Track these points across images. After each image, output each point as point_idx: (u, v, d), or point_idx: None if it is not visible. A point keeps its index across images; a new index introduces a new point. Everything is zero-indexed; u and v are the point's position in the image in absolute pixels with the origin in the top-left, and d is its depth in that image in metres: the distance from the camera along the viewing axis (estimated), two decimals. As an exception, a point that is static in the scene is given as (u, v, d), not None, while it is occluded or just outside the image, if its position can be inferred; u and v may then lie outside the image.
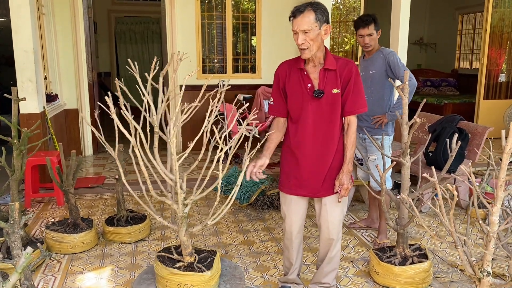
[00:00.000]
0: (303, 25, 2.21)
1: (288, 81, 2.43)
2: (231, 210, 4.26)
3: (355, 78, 2.35)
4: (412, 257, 2.83)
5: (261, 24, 6.68)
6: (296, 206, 2.55)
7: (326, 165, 2.44)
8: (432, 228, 3.82)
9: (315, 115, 2.38)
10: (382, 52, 3.31)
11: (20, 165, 3.05)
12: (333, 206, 2.50)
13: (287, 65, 2.46)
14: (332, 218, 2.51)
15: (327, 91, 2.34)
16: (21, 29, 4.39)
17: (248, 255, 3.31)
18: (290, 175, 2.50)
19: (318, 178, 2.45)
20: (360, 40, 3.33)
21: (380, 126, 3.33)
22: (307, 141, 2.42)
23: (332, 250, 2.59)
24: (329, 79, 2.35)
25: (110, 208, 4.34)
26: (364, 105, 2.42)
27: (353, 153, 2.42)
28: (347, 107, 2.38)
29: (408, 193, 2.82)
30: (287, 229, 2.61)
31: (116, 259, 3.26)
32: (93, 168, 5.76)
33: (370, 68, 3.33)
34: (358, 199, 4.48)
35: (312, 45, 2.25)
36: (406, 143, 2.73)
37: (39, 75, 4.65)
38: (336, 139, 2.42)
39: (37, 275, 3.00)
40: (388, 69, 3.27)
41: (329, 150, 2.42)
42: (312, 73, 2.38)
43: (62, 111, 5.90)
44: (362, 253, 3.36)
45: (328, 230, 2.54)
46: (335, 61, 2.36)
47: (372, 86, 3.33)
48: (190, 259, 2.55)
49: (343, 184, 2.38)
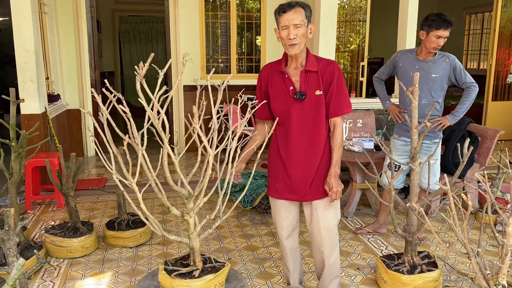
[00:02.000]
0: (295, 19, 2.17)
1: (270, 85, 2.38)
2: (234, 213, 4.17)
3: (337, 79, 2.29)
4: (421, 265, 2.73)
5: (266, 23, 6.60)
6: (285, 210, 2.49)
7: (313, 168, 2.37)
8: (440, 234, 3.73)
9: (300, 118, 2.32)
10: (447, 57, 3.24)
11: (19, 167, 2.98)
12: (324, 209, 2.41)
13: (269, 68, 2.42)
14: (325, 222, 2.42)
15: (309, 93, 2.29)
16: (22, 28, 4.32)
17: (252, 261, 3.22)
18: (278, 179, 2.44)
19: (306, 181, 2.38)
20: (433, 40, 3.13)
21: (440, 129, 3.32)
22: (292, 144, 2.36)
23: (330, 256, 2.49)
24: (311, 81, 2.29)
25: (111, 210, 4.27)
26: (348, 105, 2.35)
27: (340, 155, 2.35)
28: (331, 109, 2.32)
29: (417, 200, 2.72)
30: (279, 234, 2.57)
31: (116, 264, 3.19)
32: (95, 170, 5.70)
33: (433, 71, 3.22)
34: (365, 203, 4.39)
35: (301, 41, 2.21)
36: (416, 148, 2.64)
37: (40, 75, 4.59)
38: (322, 142, 2.36)
39: (35, 280, 2.94)
40: (451, 74, 3.24)
41: (315, 153, 2.36)
42: (293, 75, 2.32)
43: (64, 112, 5.84)
44: (369, 259, 3.27)
45: (321, 235, 2.43)
46: (316, 62, 2.30)
47: (432, 89, 3.26)
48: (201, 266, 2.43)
49: (332, 187, 2.31)
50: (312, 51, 2.39)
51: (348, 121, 4.43)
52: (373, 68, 9.79)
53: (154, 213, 4.19)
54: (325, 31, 5.24)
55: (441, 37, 3.13)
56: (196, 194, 2.23)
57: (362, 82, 6.33)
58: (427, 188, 2.82)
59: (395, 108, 3.52)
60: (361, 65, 6.35)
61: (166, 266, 2.31)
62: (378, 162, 3.75)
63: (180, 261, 2.40)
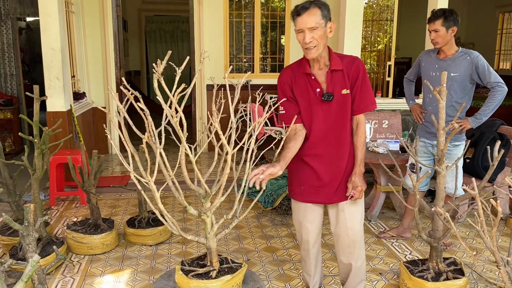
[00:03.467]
0: (310, 22, 2.06)
1: (295, 87, 2.28)
2: (254, 214, 4.13)
3: (362, 75, 2.21)
4: (447, 273, 2.62)
5: (290, 22, 6.50)
6: (311, 214, 2.41)
7: (340, 169, 2.30)
8: (467, 240, 3.58)
9: (326, 119, 2.24)
10: (468, 54, 3.09)
11: (41, 164, 3.01)
12: (352, 210, 2.34)
13: (290, 71, 2.31)
14: (352, 223, 2.36)
15: (336, 93, 2.21)
16: (49, 27, 4.40)
17: (271, 263, 3.17)
18: (303, 182, 2.36)
19: (333, 183, 2.31)
20: (429, 35, 3.17)
21: (459, 131, 3.16)
22: (319, 147, 2.28)
23: (357, 259, 2.43)
24: (337, 80, 2.20)
25: (133, 208, 4.29)
26: (373, 102, 2.26)
27: (364, 154, 2.28)
28: (355, 106, 2.24)
29: (443, 204, 2.61)
30: (303, 239, 2.47)
31: (135, 262, 3.19)
32: (119, 167, 5.75)
33: (452, 70, 3.08)
34: (389, 207, 4.27)
35: (319, 43, 2.10)
36: (443, 150, 2.53)
37: (66, 73, 4.66)
38: (348, 142, 2.29)
39: (56, 276, 2.97)
40: (474, 73, 3.07)
41: (342, 153, 2.29)
42: (319, 76, 2.23)
43: (89, 109, 5.92)
44: (392, 264, 3.16)
45: (348, 237, 2.37)
46: (340, 60, 2.21)
47: (451, 89, 3.11)
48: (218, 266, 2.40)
49: (357, 186, 2.24)
50: (337, 51, 2.32)
51: (373, 121, 4.32)
52: (401, 68, 9.59)
53: (175, 211, 4.19)
54: (351, 31, 5.14)
55: (431, 30, 3.10)
56: (214, 194, 2.20)
57: (388, 82, 6.18)
58: (454, 193, 2.71)
59: (417, 108, 3.41)
60: (388, 64, 6.20)
61: (182, 266, 2.29)
62: (403, 165, 3.64)
63: (197, 261, 2.37)
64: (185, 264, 2.31)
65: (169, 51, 1.90)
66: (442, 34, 3.08)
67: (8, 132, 6.37)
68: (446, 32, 3.07)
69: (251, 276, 2.43)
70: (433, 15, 3.11)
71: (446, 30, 3.07)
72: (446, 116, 3.03)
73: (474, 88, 3.19)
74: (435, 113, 2.81)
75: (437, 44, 3.13)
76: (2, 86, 6.64)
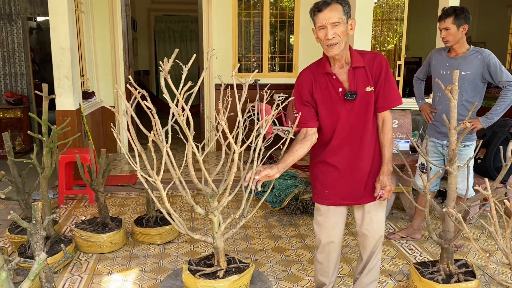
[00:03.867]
0: (332, 17, 2.00)
1: (316, 89, 2.21)
2: (262, 214, 4.11)
3: (385, 71, 2.14)
4: (458, 275, 2.57)
5: (299, 22, 6.50)
6: (335, 217, 2.36)
7: (365, 170, 2.25)
8: (479, 241, 3.53)
9: (349, 118, 2.18)
10: (480, 53, 3.04)
11: (50, 163, 3.02)
12: (378, 211, 2.32)
13: (310, 72, 2.23)
14: (377, 225, 2.34)
15: (359, 91, 2.14)
16: (58, 26, 4.42)
17: (279, 263, 3.15)
18: (327, 185, 2.30)
19: (359, 185, 2.26)
20: (440, 33, 3.12)
21: (470, 131, 3.10)
22: (343, 148, 2.23)
23: (373, 259, 2.42)
24: (360, 78, 2.14)
25: (141, 207, 4.29)
26: (398, 98, 2.20)
27: (391, 152, 2.22)
28: (380, 103, 2.17)
29: (454, 205, 2.57)
30: (323, 241, 2.41)
31: (143, 261, 3.19)
32: (128, 166, 5.76)
33: (462, 68, 3.03)
34: (399, 207, 4.22)
35: (342, 39, 2.04)
36: (454, 150, 2.48)
37: (75, 72, 4.68)
38: (373, 140, 2.23)
39: (64, 274, 2.97)
40: (485, 71, 3.02)
41: (367, 153, 2.23)
42: (340, 75, 2.16)
43: (99, 109, 5.94)
44: (402, 266, 3.12)
45: (374, 238, 2.36)
46: (361, 57, 2.15)
47: (462, 88, 3.05)
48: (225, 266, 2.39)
49: (386, 186, 2.18)
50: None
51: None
52: (411, 67, 9.50)
53: (183, 210, 4.18)
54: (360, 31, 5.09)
55: (442, 29, 3.05)
56: (221, 193, 2.18)
57: (398, 81, 6.13)
58: (465, 194, 2.66)
59: (426, 108, 3.37)
60: (398, 64, 6.15)
61: (190, 266, 2.27)
62: (413, 165, 3.59)
63: (204, 260, 2.36)
64: (192, 264, 2.29)
65: (176, 49, 1.88)
66: (453, 32, 3.03)
67: (18, 131, 6.42)
68: (457, 30, 3.02)
69: (259, 276, 2.41)
70: (444, 13, 3.07)
71: (457, 28, 3.02)
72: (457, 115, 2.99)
73: (486, 87, 3.14)
74: (445, 112, 2.77)
75: (448, 42, 3.08)
76: (12, 85, 6.69)
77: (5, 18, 6.51)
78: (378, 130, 2.24)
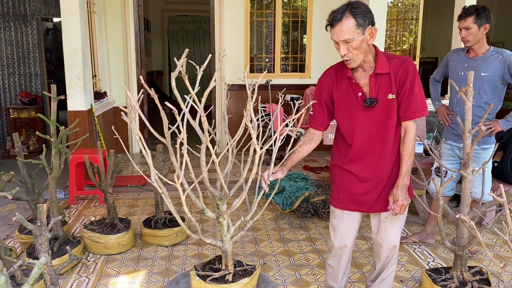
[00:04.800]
0: (343, 34, 1.92)
1: (336, 91, 2.15)
2: (272, 216, 4.06)
3: (412, 78, 2.04)
4: (472, 282, 2.49)
5: (312, 21, 6.43)
6: (348, 221, 2.31)
7: (383, 178, 2.18)
8: (494, 248, 3.43)
9: (369, 125, 2.11)
10: (501, 53, 2.95)
11: (59, 163, 3.01)
12: (393, 222, 2.25)
13: (334, 72, 2.18)
14: (391, 236, 2.28)
15: (381, 98, 2.06)
16: (70, 27, 4.44)
17: (288, 267, 3.09)
18: (342, 189, 2.26)
19: (374, 192, 2.20)
20: (461, 33, 3.03)
21: (488, 134, 3.02)
22: (360, 154, 2.16)
23: (387, 270, 2.36)
24: (382, 84, 2.05)
25: (151, 208, 4.28)
26: (422, 108, 2.10)
27: (410, 165, 2.12)
28: (402, 112, 2.08)
29: (468, 210, 2.49)
30: (336, 245, 2.36)
31: (151, 263, 3.17)
32: (139, 166, 5.77)
33: (482, 69, 2.96)
34: (412, 211, 4.13)
35: (356, 54, 1.97)
36: (469, 154, 2.40)
37: (86, 73, 4.69)
38: (393, 150, 2.15)
39: (72, 275, 2.97)
40: (506, 73, 2.93)
41: (386, 162, 2.16)
42: (361, 79, 2.09)
43: (111, 109, 5.96)
44: (414, 272, 3.05)
45: (388, 248, 2.30)
46: (387, 62, 2.05)
47: (481, 89, 2.98)
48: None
49: (398, 200, 2.09)
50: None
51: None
52: (426, 68, 9.35)
53: (192, 212, 4.16)
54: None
55: (462, 28, 2.96)
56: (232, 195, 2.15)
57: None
58: (480, 199, 2.57)
59: (443, 110, 3.27)
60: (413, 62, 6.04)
61: (197, 272, 2.24)
62: (426, 168, 3.51)
63: (209, 265, 2.32)
64: (198, 269, 2.26)
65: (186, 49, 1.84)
66: (474, 32, 2.93)
67: (33, 131, 6.48)
68: (478, 30, 2.93)
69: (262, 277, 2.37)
70: (465, 12, 2.97)
71: (478, 27, 2.92)
72: (476, 117, 2.90)
73: (506, 89, 3.05)
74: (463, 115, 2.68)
75: (468, 42, 2.98)
76: (27, 85, 6.76)
77: (20, 19, 6.59)
78: (400, 140, 2.16)
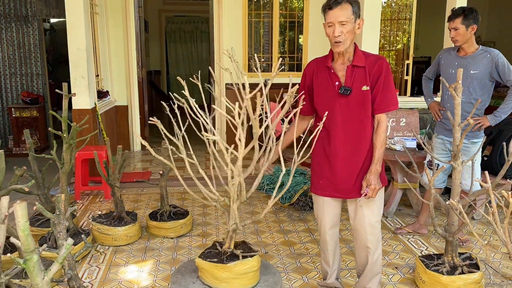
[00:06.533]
0: (341, 16, 2.16)
1: (315, 79, 2.39)
2: (272, 209, 4.21)
3: (385, 74, 2.26)
4: (462, 267, 2.66)
5: (308, 22, 6.59)
6: (328, 207, 2.50)
7: (358, 165, 2.36)
8: (485, 237, 3.60)
9: (344, 113, 2.31)
10: (489, 52, 3.13)
11: (69, 158, 3.15)
12: (370, 207, 2.40)
13: (315, 63, 2.43)
14: (369, 219, 2.42)
15: (355, 88, 2.27)
16: (75, 28, 4.56)
17: (288, 256, 3.25)
18: (321, 176, 2.45)
19: (350, 178, 2.37)
20: (449, 33, 3.22)
21: (477, 129, 3.20)
22: (337, 141, 2.35)
23: (373, 253, 2.49)
24: (358, 76, 2.27)
25: (155, 202, 4.43)
26: (394, 103, 2.31)
27: (382, 153, 2.31)
28: (376, 105, 2.29)
29: (458, 199, 2.66)
30: (321, 230, 2.57)
31: (157, 253, 3.31)
32: (141, 163, 5.91)
33: (471, 67, 3.14)
34: (406, 203, 4.31)
35: (347, 38, 2.20)
36: (458, 146, 2.57)
37: (91, 72, 4.82)
38: (368, 138, 2.34)
39: (83, 265, 3.11)
40: (493, 71, 3.11)
41: (360, 149, 2.34)
42: (339, 70, 2.32)
43: (112, 108, 6.09)
44: (408, 259, 3.21)
45: (366, 232, 2.44)
46: (364, 57, 2.28)
47: (471, 86, 3.16)
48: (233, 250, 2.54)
49: (371, 185, 2.28)
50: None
51: (391, 119, 4.36)
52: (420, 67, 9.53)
53: (195, 206, 4.30)
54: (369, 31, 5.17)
55: (451, 29, 3.15)
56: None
57: (406, 80, 6.20)
58: (470, 189, 2.74)
59: (435, 106, 3.46)
60: (406, 63, 6.22)
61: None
62: (420, 162, 3.67)
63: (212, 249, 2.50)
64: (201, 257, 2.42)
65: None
66: (462, 32, 3.11)
67: (34, 130, 6.59)
68: (465, 30, 3.11)
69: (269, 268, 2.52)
70: (453, 14, 3.16)
71: (465, 28, 3.10)
72: (465, 112, 3.07)
73: (494, 86, 3.22)
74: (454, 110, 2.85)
75: (457, 42, 3.17)
76: (29, 85, 6.87)
77: (22, 19, 6.70)
78: (373, 131, 2.35)
